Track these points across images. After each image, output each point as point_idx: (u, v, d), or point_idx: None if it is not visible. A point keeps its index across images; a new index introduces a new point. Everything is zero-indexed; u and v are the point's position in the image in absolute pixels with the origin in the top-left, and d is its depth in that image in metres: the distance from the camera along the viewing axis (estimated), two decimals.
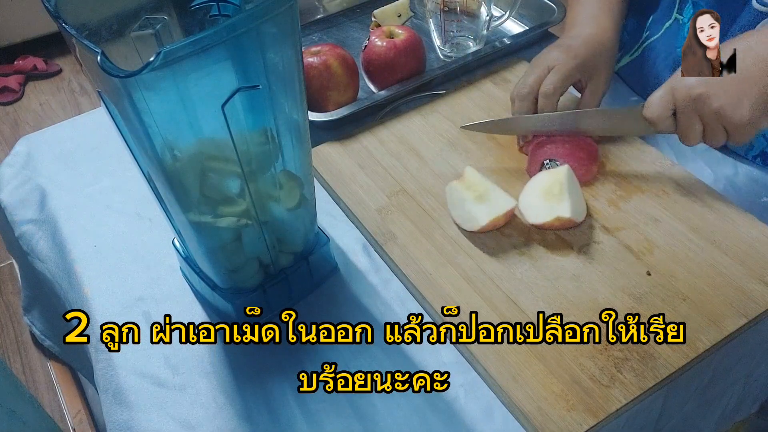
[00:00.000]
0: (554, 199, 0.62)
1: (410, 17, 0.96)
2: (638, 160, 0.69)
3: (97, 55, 0.37)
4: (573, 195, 0.62)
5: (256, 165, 0.50)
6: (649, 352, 0.53)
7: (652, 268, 0.59)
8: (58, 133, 0.83)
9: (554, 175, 0.63)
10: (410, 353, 0.57)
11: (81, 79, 2.24)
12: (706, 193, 0.65)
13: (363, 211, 0.67)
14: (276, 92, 0.47)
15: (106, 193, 0.74)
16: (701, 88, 0.58)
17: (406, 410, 0.53)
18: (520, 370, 0.53)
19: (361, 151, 0.74)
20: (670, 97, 0.61)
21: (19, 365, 1.39)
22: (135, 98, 0.40)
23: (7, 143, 2.01)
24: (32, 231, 0.74)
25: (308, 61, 0.75)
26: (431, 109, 0.79)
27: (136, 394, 0.55)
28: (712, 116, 0.59)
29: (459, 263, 0.61)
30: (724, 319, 0.55)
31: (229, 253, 0.54)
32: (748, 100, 0.57)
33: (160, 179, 0.47)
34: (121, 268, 0.66)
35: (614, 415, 0.51)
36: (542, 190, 0.63)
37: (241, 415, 0.54)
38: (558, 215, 0.61)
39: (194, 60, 0.40)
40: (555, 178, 0.63)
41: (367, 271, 0.64)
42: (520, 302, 0.58)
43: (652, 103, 0.62)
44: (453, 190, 0.64)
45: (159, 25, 0.50)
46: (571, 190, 0.62)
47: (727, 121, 0.58)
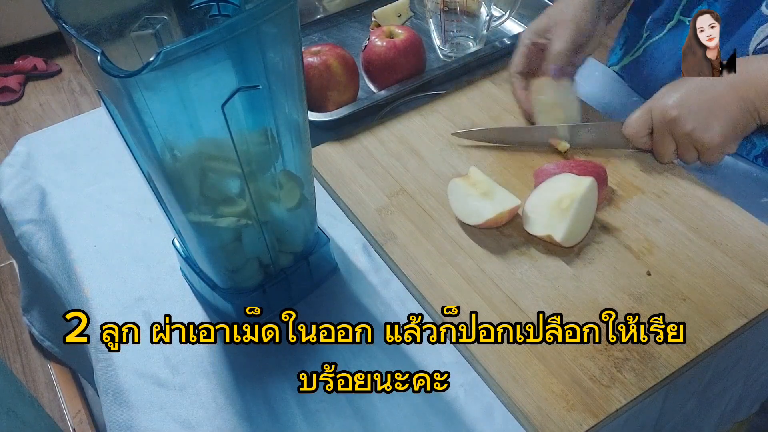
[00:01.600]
0: (557, 215, 0.60)
1: (410, 17, 0.96)
2: (638, 160, 0.69)
3: (97, 55, 0.37)
4: (578, 217, 0.60)
5: (256, 165, 0.50)
6: (649, 352, 0.53)
7: (652, 268, 0.59)
8: (58, 133, 0.83)
9: (574, 186, 0.60)
10: (410, 353, 0.57)
11: (81, 79, 2.24)
12: (706, 193, 0.65)
13: (363, 211, 0.67)
14: (276, 92, 0.47)
15: (106, 193, 0.74)
16: (675, 111, 0.62)
17: (406, 410, 0.53)
18: (520, 370, 0.53)
19: (361, 151, 0.74)
20: (648, 118, 0.65)
21: (19, 365, 1.39)
22: (135, 98, 0.40)
23: (7, 143, 2.01)
24: (32, 231, 0.74)
25: (308, 61, 0.75)
26: (431, 109, 0.79)
27: (136, 394, 0.55)
28: (684, 138, 0.62)
29: (459, 263, 0.61)
30: (724, 319, 0.55)
31: (229, 253, 0.54)
32: (718, 124, 0.60)
33: (160, 179, 0.47)
34: (121, 268, 0.66)
35: (614, 415, 0.51)
36: (553, 199, 0.61)
37: (241, 415, 0.54)
38: (550, 234, 0.59)
39: (194, 60, 0.40)
40: (573, 189, 0.60)
41: (367, 271, 0.64)
42: (520, 302, 0.58)
43: (631, 122, 0.66)
44: (456, 186, 0.64)
45: (159, 25, 0.50)
46: (579, 211, 0.59)
47: (699, 142, 0.62)
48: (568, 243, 0.60)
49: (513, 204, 0.62)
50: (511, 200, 0.62)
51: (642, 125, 0.65)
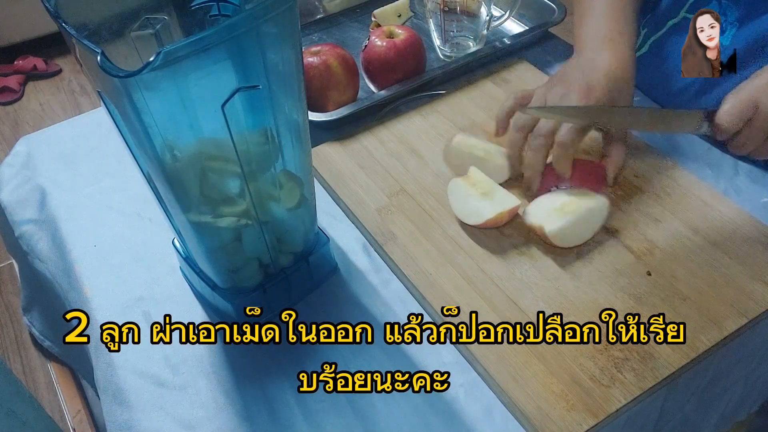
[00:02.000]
0: (556, 213, 0.60)
1: (410, 17, 0.96)
2: (638, 160, 0.69)
3: (97, 55, 0.37)
4: (577, 221, 0.59)
5: (256, 165, 0.50)
6: (649, 352, 0.53)
7: (652, 268, 0.59)
8: (58, 133, 0.83)
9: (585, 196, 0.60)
10: (410, 353, 0.57)
11: (81, 79, 2.24)
12: (706, 193, 0.65)
13: (363, 211, 0.67)
14: (276, 92, 0.47)
15: (106, 193, 0.74)
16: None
17: (406, 410, 0.53)
18: (520, 370, 0.53)
19: (361, 151, 0.74)
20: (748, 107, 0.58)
21: (19, 365, 1.39)
22: (135, 98, 0.40)
23: (7, 143, 2.01)
24: (32, 231, 0.74)
25: (308, 61, 0.75)
26: (431, 109, 0.79)
27: (136, 394, 0.55)
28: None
29: (459, 263, 0.61)
30: (724, 319, 0.55)
31: (229, 253, 0.54)
32: None
33: (160, 179, 0.47)
34: (121, 268, 0.66)
35: (614, 415, 0.51)
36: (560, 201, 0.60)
37: (241, 415, 0.54)
38: (542, 225, 0.59)
39: (194, 60, 0.40)
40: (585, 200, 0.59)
41: (367, 271, 0.64)
42: (520, 302, 0.58)
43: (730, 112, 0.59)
44: (456, 186, 0.64)
45: (159, 25, 0.50)
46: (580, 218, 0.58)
47: None
48: (558, 240, 0.59)
49: (513, 204, 0.62)
50: (511, 200, 0.62)
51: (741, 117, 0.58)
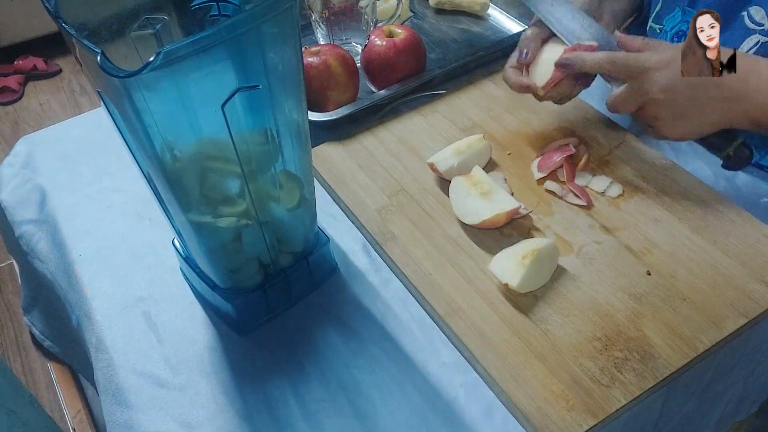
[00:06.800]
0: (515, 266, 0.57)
1: (410, 17, 0.96)
2: (638, 160, 0.69)
3: (97, 55, 0.37)
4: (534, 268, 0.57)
5: (256, 165, 0.50)
6: (649, 352, 0.53)
7: (652, 268, 0.59)
8: (58, 133, 0.83)
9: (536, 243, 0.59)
10: (410, 353, 0.57)
11: (81, 79, 2.24)
12: (706, 193, 0.65)
13: (363, 211, 0.67)
14: (276, 92, 0.47)
15: (106, 193, 0.74)
16: (662, 95, 0.61)
17: (406, 410, 0.53)
18: (520, 370, 0.53)
19: (361, 151, 0.74)
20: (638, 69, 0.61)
21: (19, 365, 1.39)
22: (135, 98, 0.40)
23: (7, 143, 2.01)
24: (32, 231, 0.74)
25: (308, 61, 0.75)
26: (431, 109, 0.79)
27: (136, 394, 0.55)
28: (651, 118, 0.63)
29: (459, 263, 0.61)
30: (724, 319, 0.55)
31: (229, 253, 0.54)
32: (689, 125, 0.61)
33: (160, 179, 0.47)
34: (121, 268, 0.66)
35: (614, 415, 0.51)
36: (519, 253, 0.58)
37: (241, 415, 0.54)
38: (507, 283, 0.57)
39: (194, 60, 0.40)
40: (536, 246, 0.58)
41: (367, 271, 0.64)
42: (521, 302, 0.58)
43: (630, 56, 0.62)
44: (458, 184, 0.64)
45: (159, 25, 0.50)
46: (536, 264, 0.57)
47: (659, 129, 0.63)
48: (523, 289, 0.58)
49: (511, 206, 0.62)
50: (509, 202, 0.62)
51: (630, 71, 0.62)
